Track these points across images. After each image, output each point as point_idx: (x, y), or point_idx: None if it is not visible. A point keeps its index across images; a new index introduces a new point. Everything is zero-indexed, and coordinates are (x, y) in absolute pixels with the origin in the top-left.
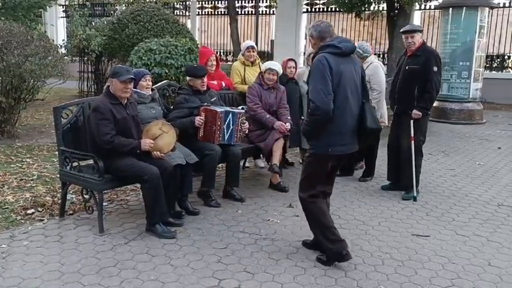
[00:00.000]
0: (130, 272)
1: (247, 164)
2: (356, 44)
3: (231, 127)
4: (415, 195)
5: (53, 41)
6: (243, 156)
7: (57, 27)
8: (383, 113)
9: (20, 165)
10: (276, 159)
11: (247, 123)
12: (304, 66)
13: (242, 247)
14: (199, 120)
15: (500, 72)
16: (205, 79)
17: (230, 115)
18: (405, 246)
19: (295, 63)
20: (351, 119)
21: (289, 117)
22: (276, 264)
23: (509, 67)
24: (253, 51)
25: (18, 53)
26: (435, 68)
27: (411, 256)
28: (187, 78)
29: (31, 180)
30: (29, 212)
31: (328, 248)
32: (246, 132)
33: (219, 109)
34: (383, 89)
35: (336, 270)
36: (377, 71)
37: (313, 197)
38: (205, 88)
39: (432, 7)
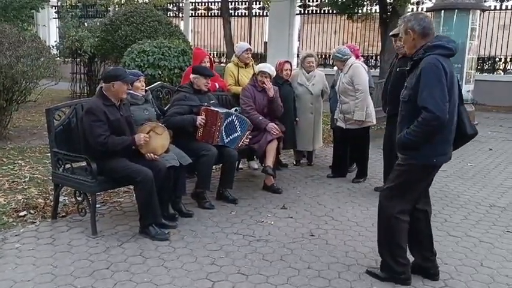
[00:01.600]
0: (124, 274)
1: (240, 166)
2: (333, 50)
3: (238, 132)
4: None
5: (45, 42)
6: (237, 158)
7: (49, 29)
8: (369, 112)
9: (12, 167)
10: (270, 161)
11: (248, 139)
12: (298, 68)
13: (236, 249)
14: (201, 120)
15: (491, 74)
16: (209, 81)
17: (234, 117)
18: None
19: (291, 65)
20: (454, 126)
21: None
22: (269, 266)
23: (500, 69)
24: (250, 53)
25: (10, 54)
26: None
27: None
28: (192, 76)
29: (23, 182)
30: (21, 214)
31: (391, 267)
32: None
33: (220, 110)
34: (366, 88)
35: (329, 271)
36: (359, 71)
37: (402, 214)
38: (206, 89)
39: (424, 9)
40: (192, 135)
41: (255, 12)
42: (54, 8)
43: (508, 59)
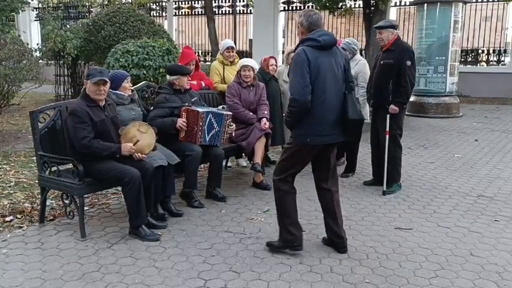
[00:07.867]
0: (115, 276)
1: (229, 164)
2: (348, 40)
3: (216, 128)
4: (384, 189)
5: (28, 44)
6: (225, 156)
7: (30, 31)
8: (366, 110)
9: None
10: (258, 158)
11: (234, 125)
12: (284, 65)
13: (227, 247)
14: (182, 122)
15: (474, 66)
16: (190, 77)
17: (211, 115)
18: (389, 240)
19: (276, 60)
20: (331, 110)
21: (266, 112)
22: (261, 263)
23: (483, 61)
24: (232, 51)
25: None
26: (408, 62)
27: (395, 249)
28: (172, 77)
29: (8, 187)
30: (7, 219)
31: (283, 236)
32: (233, 134)
33: (200, 109)
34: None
35: (321, 266)
36: (366, 68)
37: (283, 183)
38: (188, 86)
39: (407, 3)
40: (175, 136)
41: (239, 10)
42: (35, 10)
43: (491, 51)
